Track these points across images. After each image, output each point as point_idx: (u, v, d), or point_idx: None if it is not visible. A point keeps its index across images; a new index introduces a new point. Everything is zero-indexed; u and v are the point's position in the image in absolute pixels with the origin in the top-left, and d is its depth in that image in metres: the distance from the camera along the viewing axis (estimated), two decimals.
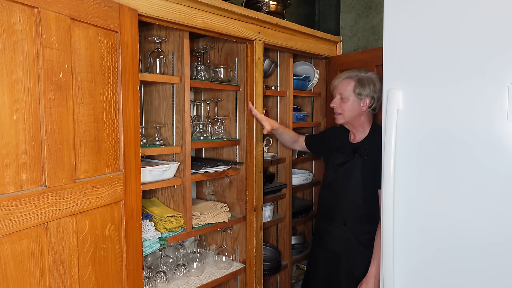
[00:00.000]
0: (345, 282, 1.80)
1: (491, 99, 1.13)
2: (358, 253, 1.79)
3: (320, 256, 1.92)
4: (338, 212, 1.83)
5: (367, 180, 1.76)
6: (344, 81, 1.81)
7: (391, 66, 1.32)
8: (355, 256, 1.80)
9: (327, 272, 1.88)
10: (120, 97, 1.37)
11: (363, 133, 1.85)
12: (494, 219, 1.14)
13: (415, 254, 1.30)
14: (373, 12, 2.55)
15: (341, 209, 1.83)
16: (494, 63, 1.12)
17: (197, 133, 2.04)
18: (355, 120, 1.83)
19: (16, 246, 1.04)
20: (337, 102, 1.83)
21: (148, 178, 1.65)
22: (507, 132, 1.11)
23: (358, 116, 1.82)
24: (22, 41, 1.04)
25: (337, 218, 1.84)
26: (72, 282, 1.19)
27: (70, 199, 1.17)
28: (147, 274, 1.80)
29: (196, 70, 1.97)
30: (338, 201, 1.84)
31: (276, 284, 2.55)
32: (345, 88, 1.80)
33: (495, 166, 1.13)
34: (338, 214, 1.83)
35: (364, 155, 1.78)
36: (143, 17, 1.52)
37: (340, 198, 1.84)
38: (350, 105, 1.79)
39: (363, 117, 1.82)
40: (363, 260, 1.77)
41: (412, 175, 1.29)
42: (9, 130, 1.01)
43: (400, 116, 1.30)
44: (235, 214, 2.12)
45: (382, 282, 1.37)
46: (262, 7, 2.18)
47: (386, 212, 1.32)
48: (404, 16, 1.28)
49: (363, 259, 1.77)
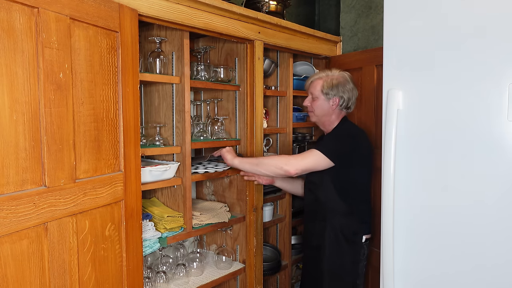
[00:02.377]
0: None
1: (491, 99, 1.13)
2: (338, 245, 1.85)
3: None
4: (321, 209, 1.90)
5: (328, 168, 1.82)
6: (314, 81, 1.91)
7: (391, 66, 1.32)
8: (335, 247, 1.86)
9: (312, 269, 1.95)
10: (120, 97, 1.37)
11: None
12: (494, 218, 1.14)
13: (415, 254, 1.30)
14: (373, 12, 2.55)
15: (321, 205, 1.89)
16: (494, 63, 1.12)
17: (197, 133, 2.04)
18: (325, 118, 1.91)
19: (16, 246, 1.04)
20: (308, 101, 1.94)
21: (148, 178, 1.65)
22: (507, 132, 1.11)
23: (328, 115, 1.90)
24: (22, 41, 1.04)
25: (319, 215, 1.90)
26: (72, 282, 1.19)
27: (70, 199, 1.17)
28: (147, 274, 1.80)
29: (196, 70, 1.97)
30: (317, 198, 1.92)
31: (276, 284, 2.55)
32: (314, 88, 1.90)
33: (495, 166, 1.13)
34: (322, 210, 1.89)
35: (318, 145, 1.83)
36: (143, 17, 1.52)
37: (318, 194, 1.91)
38: (319, 104, 1.89)
39: (333, 115, 1.90)
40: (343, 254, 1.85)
41: (412, 175, 1.29)
42: (9, 130, 1.01)
43: (400, 116, 1.30)
44: (235, 214, 2.12)
45: (382, 282, 1.37)
46: (262, 7, 2.18)
47: (386, 212, 1.32)
48: (404, 16, 1.28)
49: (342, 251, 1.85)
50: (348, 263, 1.84)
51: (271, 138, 2.46)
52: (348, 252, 1.84)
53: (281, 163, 1.76)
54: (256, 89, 2.04)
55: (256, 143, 2.07)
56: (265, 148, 2.44)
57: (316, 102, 1.89)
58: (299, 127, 2.57)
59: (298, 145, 2.52)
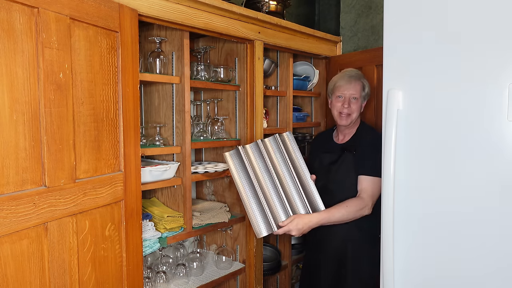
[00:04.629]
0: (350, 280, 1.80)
1: (491, 99, 1.13)
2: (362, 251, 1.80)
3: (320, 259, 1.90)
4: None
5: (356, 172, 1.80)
6: (357, 83, 1.86)
7: (391, 66, 1.32)
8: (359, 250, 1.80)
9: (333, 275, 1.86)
10: (120, 97, 1.37)
11: (351, 133, 1.91)
12: (494, 218, 1.14)
13: (415, 254, 1.30)
14: (373, 12, 2.55)
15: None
16: (494, 63, 1.11)
17: (197, 133, 2.04)
18: (355, 120, 1.89)
19: (16, 246, 1.04)
20: (347, 103, 1.85)
21: (148, 178, 1.65)
22: (507, 132, 1.11)
23: (358, 117, 1.90)
24: (22, 41, 1.04)
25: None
26: (72, 282, 1.19)
27: (70, 199, 1.17)
28: (147, 274, 1.80)
29: (196, 70, 1.97)
30: (336, 200, 1.81)
31: (276, 284, 2.55)
32: (357, 90, 1.86)
33: (495, 166, 1.13)
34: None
35: (353, 150, 1.82)
36: (143, 17, 1.52)
37: (338, 196, 1.82)
38: (358, 106, 1.87)
39: (359, 117, 1.91)
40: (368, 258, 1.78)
41: (412, 175, 1.29)
42: (9, 130, 1.01)
43: (400, 116, 1.30)
44: (235, 214, 2.12)
45: (382, 282, 1.37)
46: (262, 7, 2.18)
47: (386, 212, 1.32)
48: (404, 16, 1.28)
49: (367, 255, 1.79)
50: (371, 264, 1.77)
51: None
52: (370, 253, 1.77)
53: (358, 213, 1.71)
54: (256, 89, 2.04)
55: None
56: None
57: (356, 104, 1.86)
58: (299, 127, 2.57)
59: (298, 145, 2.52)
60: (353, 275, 1.80)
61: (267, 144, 1.77)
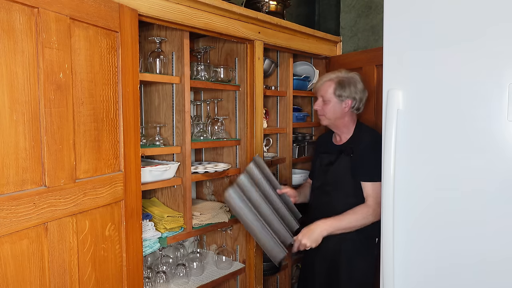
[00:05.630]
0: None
1: (491, 99, 1.13)
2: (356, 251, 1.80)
3: (317, 260, 1.90)
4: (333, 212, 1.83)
5: (356, 177, 1.79)
6: (325, 84, 1.85)
7: (391, 66, 1.32)
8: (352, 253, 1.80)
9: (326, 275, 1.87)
10: (120, 97, 1.37)
11: (348, 134, 1.89)
12: (494, 219, 1.14)
13: (415, 254, 1.30)
14: (373, 12, 2.55)
15: (334, 209, 1.82)
16: (494, 63, 1.12)
17: (197, 133, 2.04)
18: (339, 121, 1.86)
19: (16, 246, 1.04)
20: (319, 104, 1.86)
21: (148, 178, 1.65)
22: (507, 132, 1.11)
23: (341, 118, 1.85)
24: (22, 41, 1.04)
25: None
26: (72, 282, 1.19)
27: (70, 199, 1.17)
28: (147, 274, 1.80)
29: (196, 70, 1.97)
30: (332, 201, 1.85)
31: (276, 284, 2.55)
32: (325, 91, 1.83)
33: (495, 166, 1.13)
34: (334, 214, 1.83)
35: (349, 153, 1.81)
36: (143, 17, 1.52)
37: (334, 196, 1.84)
38: (331, 107, 1.82)
39: (346, 118, 1.85)
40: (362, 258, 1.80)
41: (412, 175, 1.29)
42: (9, 130, 1.01)
43: (400, 116, 1.30)
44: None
45: (382, 282, 1.37)
46: (262, 7, 2.18)
47: (386, 212, 1.32)
48: (404, 16, 1.28)
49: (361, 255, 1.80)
50: (367, 266, 1.80)
51: (271, 138, 2.46)
52: (366, 255, 1.79)
53: (366, 220, 1.72)
54: (256, 89, 2.04)
55: (256, 143, 2.07)
56: (265, 148, 2.44)
57: (327, 105, 1.82)
58: (299, 127, 2.57)
59: (298, 145, 2.52)
60: (346, 275, 1.80)
61: (254, 171, 1.83)
